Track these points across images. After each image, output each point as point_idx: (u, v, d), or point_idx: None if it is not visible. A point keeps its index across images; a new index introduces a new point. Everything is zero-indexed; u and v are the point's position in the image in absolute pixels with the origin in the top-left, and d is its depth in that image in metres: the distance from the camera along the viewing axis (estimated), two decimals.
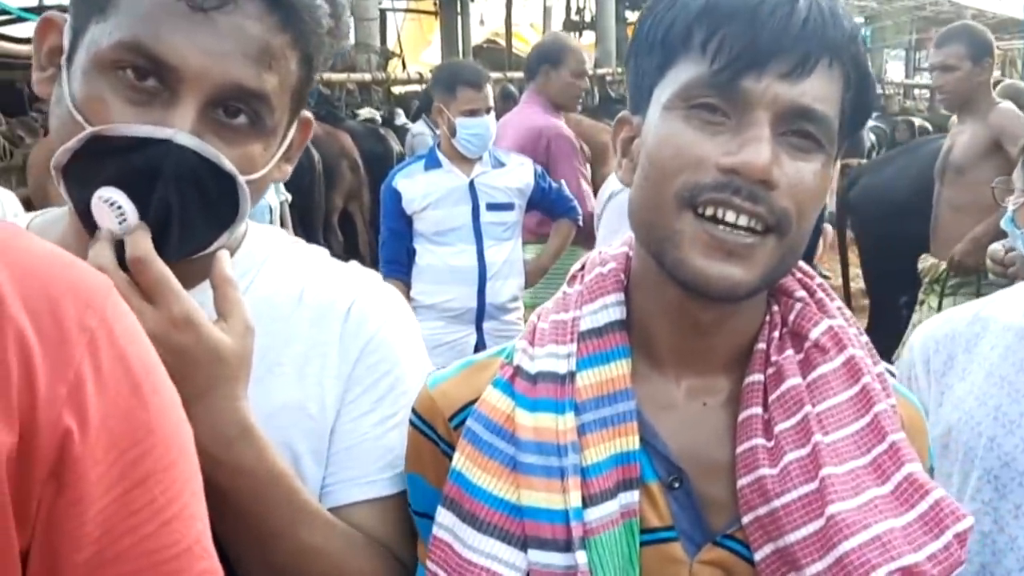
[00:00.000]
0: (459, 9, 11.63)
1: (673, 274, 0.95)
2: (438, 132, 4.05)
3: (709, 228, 0.91)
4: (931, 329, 1.45)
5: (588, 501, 0.95)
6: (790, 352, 1.00)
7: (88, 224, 0.94)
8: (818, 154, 0.94)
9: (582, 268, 1.09)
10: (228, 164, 0.95)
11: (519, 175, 3.92)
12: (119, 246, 0.93)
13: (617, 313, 1.02)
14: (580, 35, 14.22)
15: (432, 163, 3.84)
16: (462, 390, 1.05)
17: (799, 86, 0.92)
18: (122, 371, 0.72)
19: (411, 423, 1.08)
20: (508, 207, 3.88)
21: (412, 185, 3.83)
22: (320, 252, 1.17)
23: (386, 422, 1.10)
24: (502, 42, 13.84)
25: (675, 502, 0.98)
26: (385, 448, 1.09)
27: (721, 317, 0.99)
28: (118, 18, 0.95)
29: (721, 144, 0.92)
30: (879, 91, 15.10)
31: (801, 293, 1.04)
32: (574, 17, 14.21)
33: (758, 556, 0.96)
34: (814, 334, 1.01)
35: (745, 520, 0.96)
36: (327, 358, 1.08)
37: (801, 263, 1.05)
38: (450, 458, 1.02)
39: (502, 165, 3.91)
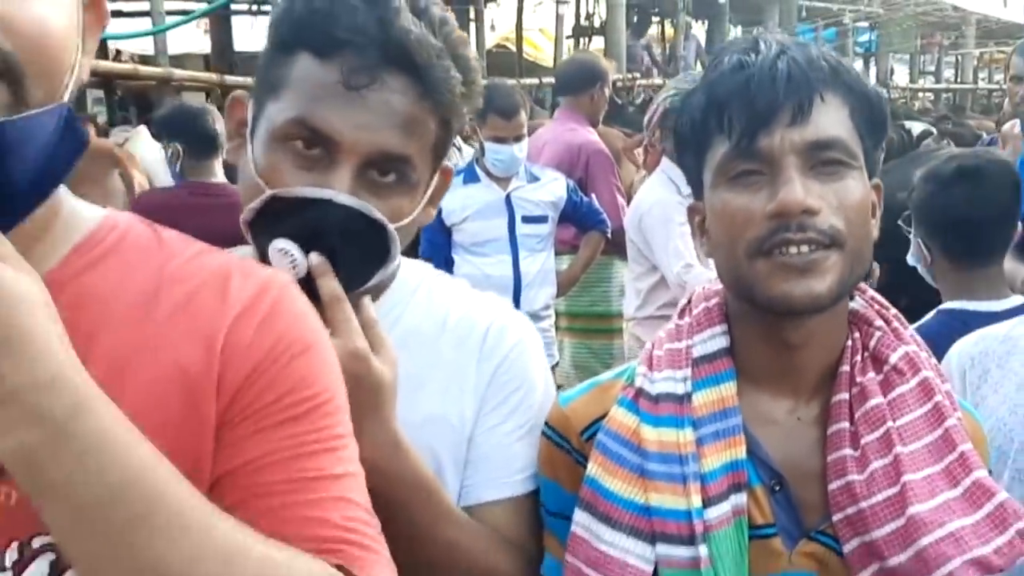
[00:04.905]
0: (472, 16, 11.74)
1: (765, 307, 1.11)
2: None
3: (779, 259, 1.08)
4: (967, 346, 1.65)
5: (707, 503, 1.10)
6: (872, 374, 1.15)
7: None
8: (847, 171, 1.10)
9: (689, 302, 1.25)
10: (380, 216, 1.10)
11: (552, 189, 4.10)
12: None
13: (723, 342, 1.18)
14: (589, 41, 14.38)
15: (471, 177, 4.02)
16: (591, 407, 1.21)
17: (806, 127, 1.08)
18: (301, 328, 0.89)
19: (545, 435, 1.23)
20: (542, 219, 4.07)
21: (451, 198, 3.97)
22: (461, 283, 1.36)
23: (516, 432, 1.25)
24: (512, 46, 13.95)
25: (776, 503, 1.13)
26: (514, 454, 1.25)
27: (806, 334, 1.14)
28: (288, 99, 1.14)
29: (763, 198, 1.09)
30: (886, 95, 15.27)
31: (879, 322, 1.18)
32: (583, 23, 14.38)
33: (846, 549, 1.11)
34: (893, 359, 1.15)
35: (835, 518, 1.11)
36: (466, 377, 1.25)
37: (877, 296, 1.22)
38: (582, 466, 1.17)
39: (536, 180, 4.09)
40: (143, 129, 5.48)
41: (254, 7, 10.02)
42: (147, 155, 4.94)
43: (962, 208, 2.27)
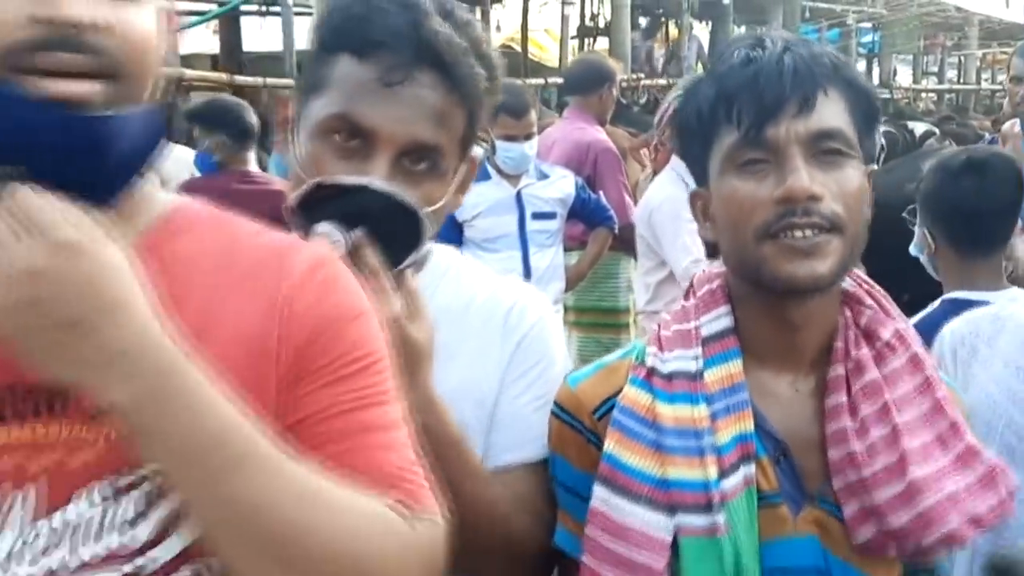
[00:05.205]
0: (479, 16, 11.83)
1: (770, 286, 1.18)
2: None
3: (785, 242, 1.15)
4: (958, 326, 1.75)
5: (722, 473, 1.17)
6: (865, 349, 1.22)
7: None
8: (846, 161, 1.17)
9: (691, 285, 1.31)
10: (413, 202, 1.21)
11: (561, 187, 4.21)
12: None
13: (728, 321, 1.25)
14: (594, 42, 14.45)
15: (482, 175, 4.10)
16: (601, 388, 1.26)
17: (810, 118, 1.15)
18: (353, 298, 1.00)
19: (555, 415, 1.29)
20: (551, 216, 4.18)
21: None
22: (487, 267, 1.47)
23: (534, 402, 1.34)
24: (517, 47, 14.02)
25: (781, 472, 1.21)
26: (532, 423, 1.33)
27: (807, 313, 1.21)
28: (330, 96, 1.25)
29: (770, 185, 1.16)
30: (888, 96, 15.37)
31: (869, 301, 1.26)
32: (588, 23, 14.46)
33: (846, 512, 1.18)
34: (885, 335, 1.23)
35: (836, 485, 1.19)
36: (491, 351, 1.35)
37: (862, 275, 1.29)
38: (593, 445, 1.23)
39: (546, 177, 4.20)
40: None
41: (263, 8, 10.10)
42: None
43: (971, 199, 2.37)
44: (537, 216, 4.14)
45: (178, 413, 0.85)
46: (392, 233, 1.21)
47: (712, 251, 1.30)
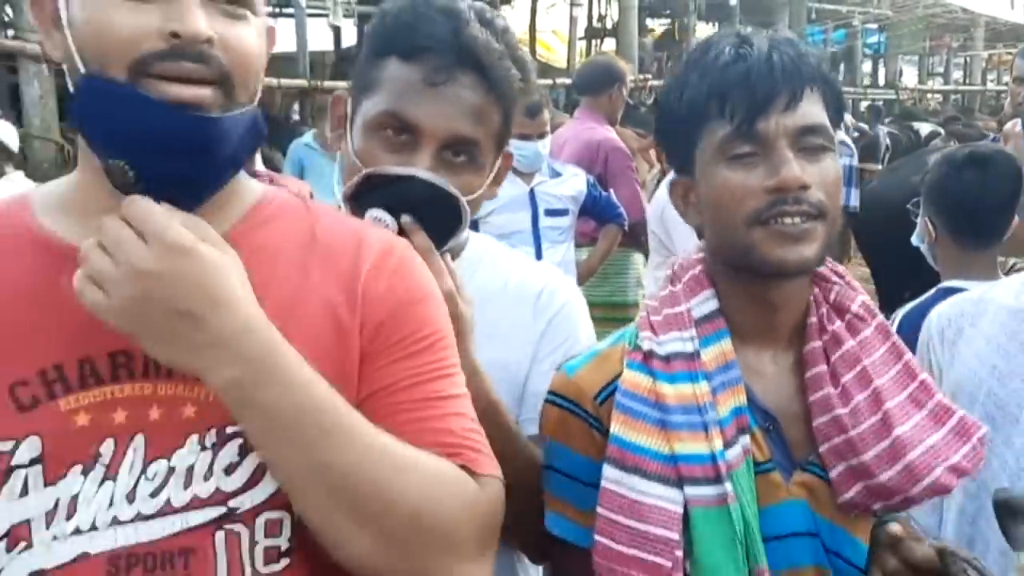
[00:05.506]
0: None
1: (759, 269, 1.24)
2: None
3: (776, 228, 1.21)
4: (945, 308, 1.87)
5: (726, 445, 1.23)
6: (838, 322, 1.30)
7: None
8: (826, 153, 1.25)
9: (674, 272, 1.37)
10: (454, 190, 1.34)
11: (573, 184, 4.31)
12: None
13: (715, 304, 1.31)
14: (601, 43, 14.59)
15: None
16: (598, 374, 1.31)
17: (797, 112, 1.22)
18: (421, 281, 1.13)
19: (554, 404, 1.33)
20: (563, 213, 4.27)
21: None
22: (520, 253, 1.61)
23: None
24: (525, 48, 14.10)
25: (771, 442, 1.28)
26: None
27: (786, 294, 1.29)
28: (380, 95, 1.39)
29: (760, 175, 1.22)
30: (894, 96, 15.45)
31: (835, 278, 1.34)
32: (596, 25, 14.59)
33: (832, 474, 1.26)
34: (853, 308, 1.31)
35: (822, 449, 1.26)
36: (523, 330, 1.49)
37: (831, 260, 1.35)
38: (596, 430, 1.28)
39: (558, 175, 4.30)
40: None
41: (276, 9, 10.24)
42: None
43: (973, 193, 2.51)
44: (550, 213, 4.23)
45: (274, 391, 0.97)
46: (435, 219, 1.34)
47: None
